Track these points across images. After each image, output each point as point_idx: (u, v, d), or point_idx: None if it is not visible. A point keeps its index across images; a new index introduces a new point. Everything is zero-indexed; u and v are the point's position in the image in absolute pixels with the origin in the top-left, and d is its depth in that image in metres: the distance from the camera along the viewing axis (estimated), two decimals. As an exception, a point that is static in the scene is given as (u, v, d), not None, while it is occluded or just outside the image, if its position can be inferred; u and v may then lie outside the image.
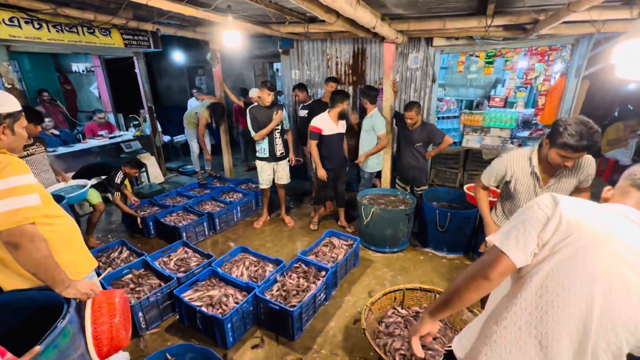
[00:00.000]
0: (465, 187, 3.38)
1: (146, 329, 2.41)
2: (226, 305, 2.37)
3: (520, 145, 4.55)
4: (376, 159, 3.68)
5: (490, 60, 4.41)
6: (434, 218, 3.29)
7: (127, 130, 5.82)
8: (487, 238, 0.97)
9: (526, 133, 4.72)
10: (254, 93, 4.60)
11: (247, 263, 2.92)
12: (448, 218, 3.20)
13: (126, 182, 3.91)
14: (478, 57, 4.48)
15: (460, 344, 1.11)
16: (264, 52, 7.06)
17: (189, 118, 5.33)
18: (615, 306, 0.82)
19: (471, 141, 4.73)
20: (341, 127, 3.52)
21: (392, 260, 3.33)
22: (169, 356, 1.75)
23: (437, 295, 2.35)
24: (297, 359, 2.19)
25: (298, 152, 4.91)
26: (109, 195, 3.57)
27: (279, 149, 3.66)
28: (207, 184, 4.89)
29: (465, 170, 4.89)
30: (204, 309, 2.31)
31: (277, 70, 8.44)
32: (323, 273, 2.70)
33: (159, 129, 5.90)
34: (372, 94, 3.59)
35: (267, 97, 3.41)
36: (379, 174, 3.94)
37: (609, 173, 5.12)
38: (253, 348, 2.26)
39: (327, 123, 3.39)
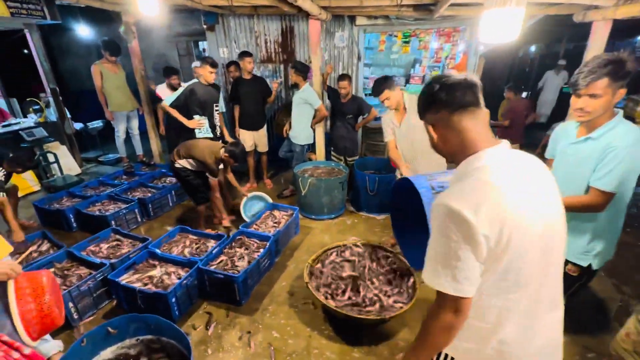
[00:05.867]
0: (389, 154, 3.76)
1: (80, 319, 2.27)
2: (168, 283, 2.35)
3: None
4: (306, 132, 3.85)
5: (407, 40, 4.85)
6: (364, 184, 3.62)
7: (25, 116, 5.02)
8: (428, 283, 0.89)
9: (439, 106, 5.35)
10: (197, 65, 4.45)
11: (187, 242, 2.88)
12: (376, 183, 3.56)
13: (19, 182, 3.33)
14: (396, 37, 4.88)
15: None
16: (188, 29, 6.60)
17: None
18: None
19: (395, 115, 5.21)
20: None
21: (331, 225, 3.60)
22: (110, 329, 1.71)
23: (383, 253, 2.60)
24: (246, 319, 2.31)
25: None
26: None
27: (218, 129, 3.60)
28: (135, 171, 4.55)
29: (392, 142, 5.38)
30: (144, 288, 2.27)
31: (204, 50, 7.97)
32: (265, 242, 2.82)
33: (68, 115, 5.22)
34: (304, 69, 3.72)
35: (209, 75, 3.32)
36: (313, 149, 4.14)
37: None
38: (207, 328, 2.26)
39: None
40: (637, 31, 8.75)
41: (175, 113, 3.42)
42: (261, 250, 2.72)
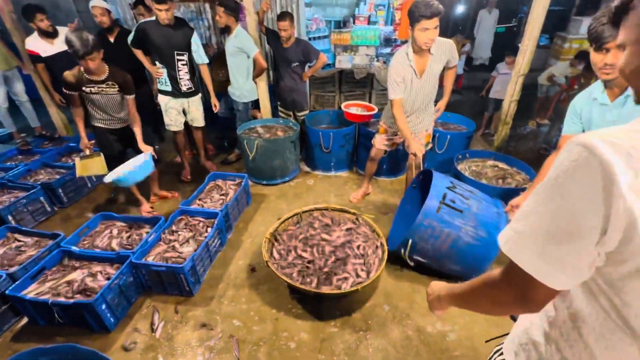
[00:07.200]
0: (342, 105, 3.44)
1: (-24, 349, 1.77)
2: (94, 286, 1.91)
3: (384, 62, 4.86)
4: (248, 87, 3.30)
5: (351, -29, 4.27)
6: (318, 140, 3.30)
7: None
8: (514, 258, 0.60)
9: (388, 49, 5.03)
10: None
11: (114, 232, 2.38)
12: (331, 138, 3.26)
13: None
14: (339, -33, 4.26)
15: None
16: (75, -42, 5.12)
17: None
18: None
19: (343, 62, 4.77)
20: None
21: (285, 189, 3.29)
22: (6, 374, 1.30)
23: (347, 217, 2.43)
24: (201, 311, 2.01)
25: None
26: None
27: (185, 83, 2.99)
28: (33, 148, 3.64)
29: (342, 93, 5.02)
30: (61, 299, 1.81)
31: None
32: (213, 220, 2.44)
33: None
34: (236, 8, 3.04)
35: (160, 13, 2.63)
36: (257, 106, 3.62)
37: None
38: (153, 330, 1.89)
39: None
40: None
41: (139, 55, 2.95)
42: (209, 229, 2.35)
